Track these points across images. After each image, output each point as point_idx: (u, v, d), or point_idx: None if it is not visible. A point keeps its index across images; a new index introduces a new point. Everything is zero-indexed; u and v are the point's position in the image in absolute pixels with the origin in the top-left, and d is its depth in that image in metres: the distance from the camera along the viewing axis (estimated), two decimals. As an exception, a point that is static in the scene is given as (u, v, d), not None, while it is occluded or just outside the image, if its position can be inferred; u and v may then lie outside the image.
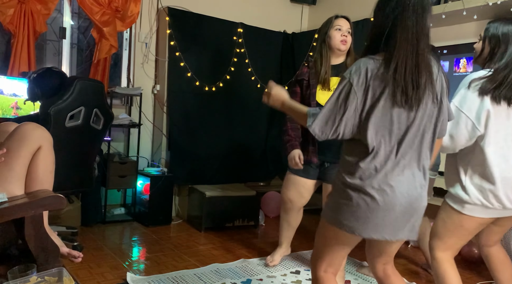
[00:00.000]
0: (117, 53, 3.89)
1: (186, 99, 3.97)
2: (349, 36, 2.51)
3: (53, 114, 2.52)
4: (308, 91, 2.53)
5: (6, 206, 1.47)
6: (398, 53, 1.39)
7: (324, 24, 2.57)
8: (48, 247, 1.59)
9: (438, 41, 3.50)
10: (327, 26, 2.53)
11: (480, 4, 3.00)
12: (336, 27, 2.50)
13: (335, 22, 2.51)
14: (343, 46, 2.50)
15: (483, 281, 2.80)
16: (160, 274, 2.62)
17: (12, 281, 1.37)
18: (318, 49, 2.55)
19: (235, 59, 4.20)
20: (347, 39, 2.50)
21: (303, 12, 4.81)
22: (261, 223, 3.96)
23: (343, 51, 2.53)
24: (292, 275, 2.75)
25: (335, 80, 2.51)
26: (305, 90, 2.55)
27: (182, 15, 3.92)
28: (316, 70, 2.53)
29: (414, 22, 1.41)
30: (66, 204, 1.63)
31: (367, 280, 2.74)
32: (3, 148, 1.60)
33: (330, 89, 2.50)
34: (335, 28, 2.50)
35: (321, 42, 2.54)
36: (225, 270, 2.76)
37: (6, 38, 3.44)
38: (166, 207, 3.76)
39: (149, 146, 4.09)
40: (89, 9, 3.54)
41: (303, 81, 2.55)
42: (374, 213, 1.43)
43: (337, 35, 2.49)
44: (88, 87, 2.76)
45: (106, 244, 3.14)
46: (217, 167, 4.13)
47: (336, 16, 2.55)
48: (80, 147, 2.80)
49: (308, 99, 2.54)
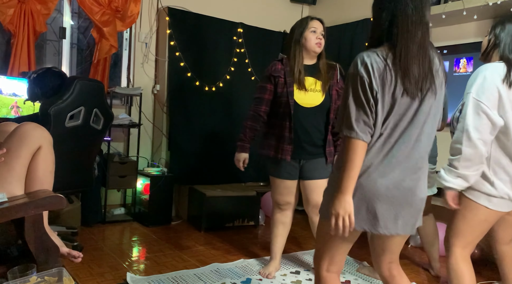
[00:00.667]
0: (117, 53, 3.89)
1: (186, 99, 3.97)
2: (323, 39, 2.56)
3: (53, 114, 2.52)
4: (284, 90, 2.52)
5: (6, 206, 1.47)
6: (400, 43, 1.40)
7: (299, 24, 2.58)
8: (48, 247, 1.59)
9: (438, 41, 3.50)
10: (302, 27, 2.55)
11: (480, 4, 3.00)
12: (312, 29, 2.53)
13: (310, 24, 2.54)
14: (318, 49, 2.55)
15: (483, 281, 2.80)
16: (160, 274, 2.62)
17: (12, 281, 1.37)
18: (292, 49, 2.55)
19: (235, 59, 4.20)
20: (322, 41, 2.55)
21: (303, 12, 4.81)
22: (261, 223, 3.96)
23: (317, 53, 2.58)
24: (292, 275, 2.75)
25: (310, 80, 2.54)
26: (281, 88, 2.53)
27: (182, 15, 3.92)
28: (290, 68, 2.54)
29: (413, 10, 1.42)
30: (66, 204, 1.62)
31: (367, 280, 2.74)
32: (3, 148, 1.60)
33: (306, 90, 2.51)
34: (311, 30, 2.53)
35: (295, 42, 2.55)
36: (225, 270, 2.76)
37: (6, 38, 3.44)
38: (166, 207, 3.76)
39: (149, 146, 4.09)
40: (89, 9, 3.54)
41: (279, 79, 2.54)
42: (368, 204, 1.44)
43: (312, 37, 2.52)
44: (88, 87, 2.75)
45: (106, 244, 3.14)
46: (217, 167, 4.13)
47: (311, 18, 2.58)
48: (80, 147, 2.80)
49: (283, 98, 2.52)
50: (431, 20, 3.56)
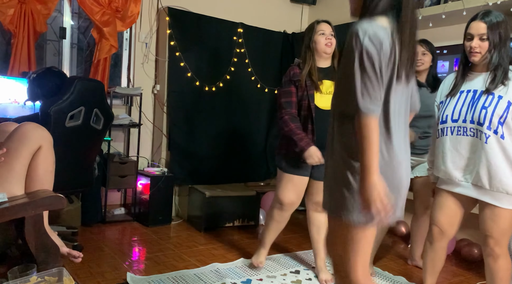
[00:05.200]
0: (117, 53, 3.89)
1: (186, 99, 3.97)
2: (333, 38, 2.59)
3: (53, 114, 2.52)
4: (304, 93, 2.54)
5: (6, 206, 1.47)
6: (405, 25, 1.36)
7: (307, 30, 2.63)
8: (48, 247, 1.59)
9: (438, 41, 3.50)
10: (310, 33, 2.59)
11: (480, 4, 3.00)
12: (320, 32, 2.57)
13: (318, 28, 2.58)
14: (329, 49, 2.58)
15: (483, 281, 2.80)
16: (160, 274, 2.62)
17: (12, 281, 1.38)
18: (303, 54, 2.61)
19: (235, 59, 4.20)
20: (332, 41, 2.58)
21: (303, 12, 4.81)
22: (261, 223, 3.96)
23: (329, 54, 2.61)
24: (292, 275, 2.75)
25: (328, 83, 2.58)
26: (301, 92, 2.56)
27: (182, 15, 3.92)
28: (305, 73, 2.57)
29: None
30: (66, 204, 1.62)
31: (367, 280, 2.74)
32: (3, 148, 1.60)
33: (322, 92, 2.55)
34: (319, 33, 2.57)
35: (306, 48, 2.60)
36: (225, 270, 2.76)
37: (6, 38, 3.45)
38: (166, 207, 3.76)
39: (149, 146, 4.09)
40: (89, 9, 3.54)
41: (299, 83, 2.57)
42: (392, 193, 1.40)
43: (321, 39, 2.56)
44: (88, 87, 2.76)
45: (106, 244, 3.14)
46: (217, 167, 4.13)
47: (318, 22, 2.62)
48: (80, 147, 2.80)
49: (303, 101, 2.55)
50: (431, 20, 3.56)
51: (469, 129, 2.04)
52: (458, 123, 2.08)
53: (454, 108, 2.10)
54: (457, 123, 2.08)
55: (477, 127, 2.01)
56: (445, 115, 2.13)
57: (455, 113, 2.09)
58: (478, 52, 2.02)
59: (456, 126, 2.09)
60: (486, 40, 2.01)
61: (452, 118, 2.10)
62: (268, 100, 4.40)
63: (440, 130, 2.16)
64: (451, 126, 2.11)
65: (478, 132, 2.01)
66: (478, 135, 2.01)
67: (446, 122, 2.12)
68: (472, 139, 2.04)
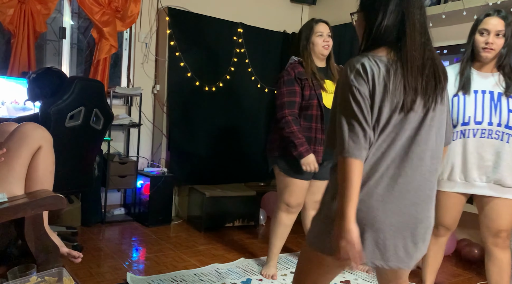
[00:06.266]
0: (117, 53, 3.89)
1: (186, 99, 3.97)
2: (330, 40, 2.60)
3: (53, 114, 2.52)
4: (310, 92, 2.51)
5: (6, 206, 1.47)
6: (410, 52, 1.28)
7: (304, 29, 2.60)
8: (48, 247, 1.59)
9: (438, 41, 3.48)
10: (307, 32, 2.58)
11: (480, 4, 3.00)
12: (318, 34, 2.56)
13: (316, 29, 2.57)
14: (326, 51, 2.59)
15: (483, 281, 2.80)
16: (160, 274, 2.62)
17: (12, 281, 1.37)
18: (301, 54, 2.59)
19: (235, 59, 4.20)
20: (329, 43, 2.59)
21: (303, 12, 4.81)
22: (261, 223, 3.96)
23: (325, 56, 2.62)
24: (292, 275, 2.74)
25: (329, 82, 2.58)
26: (308, 91, 2.52)
27: (182, 15, 3.92)
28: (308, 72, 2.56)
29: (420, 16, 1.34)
30: (66, 204, 1.62)
31: (366, 280, 2.74)
32: (3, 148, 1.60)
33: (327, 91, 2.54)
34: (317, 34, 2.56)
35: (303, 48, 2.58)
36: (225, 270, 2.76)
37: (6, 38, 3.44)
38: (166, 207, 3.76)
39: (149, 146, 4.09)
40: (89, 9, 3.54)
41: (305, 81, 2.53)
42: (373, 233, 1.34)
43: (319, 41, 2.56)
44: (88, 87, 2.76)
45: (106, 244, 3.14)
46: (217, 167, 4.13)
47: (316, 22, 2.60)
48: (80, 147, 2.80)
49: (311, 100, 2.51)
50: (431, 20, 3.56)
51: (494, 132, 2.05)
52: (483, 125, 2.06)
53: (475, 110, 2.07)
54: (481, 126, 2.06)
55: (504, 130, 2.03)
56: (468, 117, 2.08)
57: (477, 115, 2.06)
58: (493, 49, 2.01)
59: (480, 129, 2.06)
60: (502, 37, 2.00)
61: (475, 120, 2.07)
62: (268, 100, 4.40)
63: (460, 132, 2.10)
64: (473, 128, 2.07)
65: (503, 134, 2.03)
66: (503, 137, 2.03)
67: (469, 124, 2.08)
68: (496, 141, 2.05)
